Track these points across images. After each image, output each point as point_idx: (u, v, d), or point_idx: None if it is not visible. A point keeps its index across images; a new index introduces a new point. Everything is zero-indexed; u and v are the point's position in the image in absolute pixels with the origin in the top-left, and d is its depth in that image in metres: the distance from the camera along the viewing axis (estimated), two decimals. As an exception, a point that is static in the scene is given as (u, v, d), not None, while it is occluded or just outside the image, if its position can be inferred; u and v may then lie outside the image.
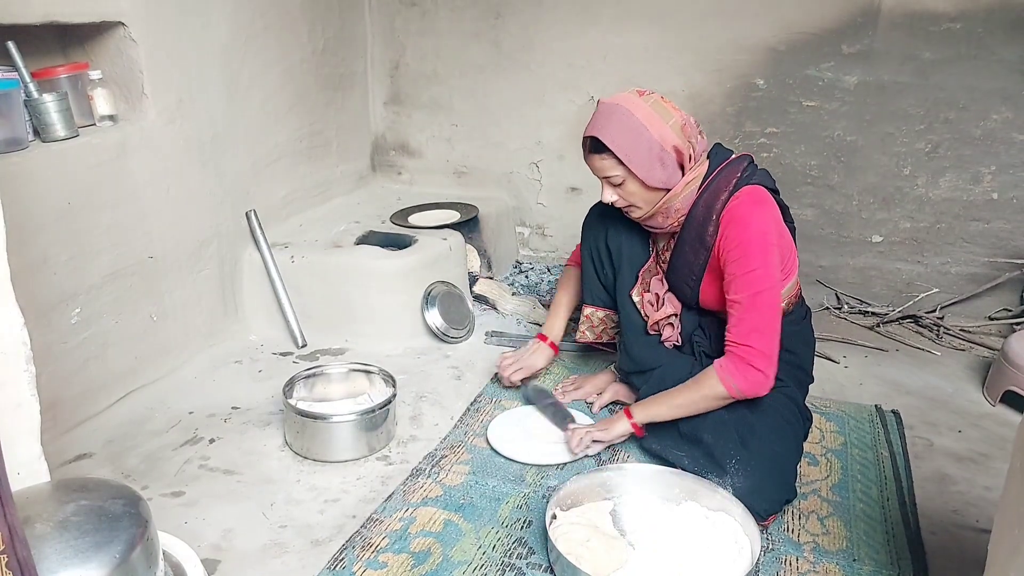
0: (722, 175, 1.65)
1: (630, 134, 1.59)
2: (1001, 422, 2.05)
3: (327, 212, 2.89)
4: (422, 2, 3.03)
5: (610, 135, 1.59)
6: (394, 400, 1.88)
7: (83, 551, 1.01)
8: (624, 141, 1.59)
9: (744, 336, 1.57)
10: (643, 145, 1.59)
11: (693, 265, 1.71)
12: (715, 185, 1.65)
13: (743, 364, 1.57)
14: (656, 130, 1.59)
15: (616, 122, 1.60)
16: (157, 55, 2.03)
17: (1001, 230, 2.57)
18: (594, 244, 1.92)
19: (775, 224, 1.63)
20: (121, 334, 2.01)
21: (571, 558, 1.36)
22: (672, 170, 1.63)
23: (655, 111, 1.60)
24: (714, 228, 1.63)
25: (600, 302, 1.99)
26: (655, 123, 1.59)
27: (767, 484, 1.55)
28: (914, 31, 2.48)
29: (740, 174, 1.64)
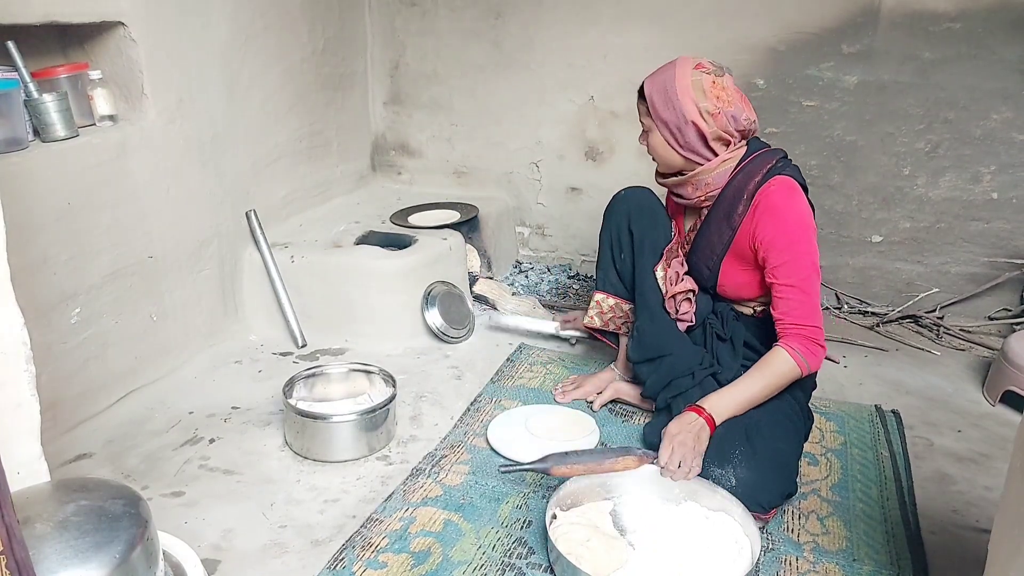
0: (757, 160, 1.72)
1: (664, 94, 1.71)
2: (1001, 422, 2.05)
3: (327, 212, 2.89)
4: (422, 2, 3.03)
5: (651, 86, 1.74)
6: (394, 400, 1.88)
7: (83, 551, 1.01)
8: (658, 97, 1.71)
9: (806, 317, 1.64)
10: (670, 108, 1.70)
11: (716, 244, 1.76)
12: (749, 168, 1.72)
13: (811, 343, 1.64)
14: (685, 102, 1.68)
15: (661, 78, 1.72)
16: (157, 55, 2.03)
17: (1001, 230, 2.57)
18: (616, 228, 1.95)
19: (809, 212, 1.69)
20: (121, 334, 2.01)
21: (571, 558, 1.36)
22: (695, 143, 1.71)
23: (693, 88, 1.68)
24: (743, 208, 1.70)
25: (612, 289, 2.00)
26: (687, 95, 1.68)
27: (770, 477, 1.57)
28: (914, 31, 2.48)
29: (774, 162, 1.71)
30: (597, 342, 2.23)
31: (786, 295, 1.66)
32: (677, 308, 1.85)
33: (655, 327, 1.86)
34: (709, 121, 1.69)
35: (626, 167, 2.89)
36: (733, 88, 1.72)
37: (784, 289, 1.66)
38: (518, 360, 2.33)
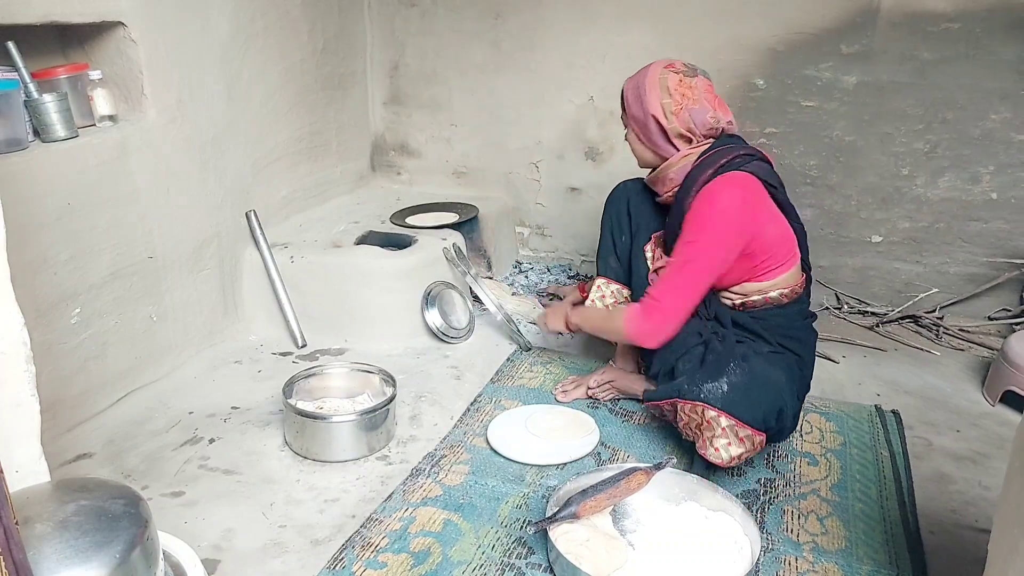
0: (714, 156, 1.77)
1: (635, 91, 1.83)
2: (1000, 422, 2.05)
3: (327, 212, 2.89)
4: (422, 2, 3.03)
5: (626, 85, 1.87)
6: (394, 400, 1.88)
7: (83, 551, 1.01)
8: (631, 95, 1.84)
9: (660, 292, 1.76)
10: (640, 106, 1.82)
11: (676, 233, 1.82)
12: (705, 162, 1.78)
13: (644, 313, 1.77)
14: (651, 99, 1.79)
15: (634, 79, 1.85)
16: (157, 55, 2.03)
17: (1000, 230, 2.57)
18: (616, 212, 2.07)
19: (743, 209, 1.71)
20: (121, 334, 2.01)
21: (571, 558, 1.36)
22: (658, 138, 1.81)
23: (659, 86, 1.78)
24: (691, 200, 1.76)
25: (613, 275, 2.09)
26: (653, 92, 1.79)
27: (760, 391, 1.61)
28: (913, 31, 2.48)
29: (731, 158, 1.75)
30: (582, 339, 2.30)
31: (664, 271, 1.80)
32: None
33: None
34: (670, 118, 1.77)
35: (626, 167, 2.85)
36: (703, 88, 1.80)
37: (667, 264, 1.80)
38: (518, 360, 2.34)
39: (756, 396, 1.61)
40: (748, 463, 1.80)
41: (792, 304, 1.81)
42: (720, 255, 1.71)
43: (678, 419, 1.74)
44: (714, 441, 1.61)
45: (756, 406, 1.60)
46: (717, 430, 1.60)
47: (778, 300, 1.78)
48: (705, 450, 1.63)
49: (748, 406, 1.59)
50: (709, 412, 1.60)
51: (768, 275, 1.77)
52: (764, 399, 1.61)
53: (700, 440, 1.65)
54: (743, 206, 1.70)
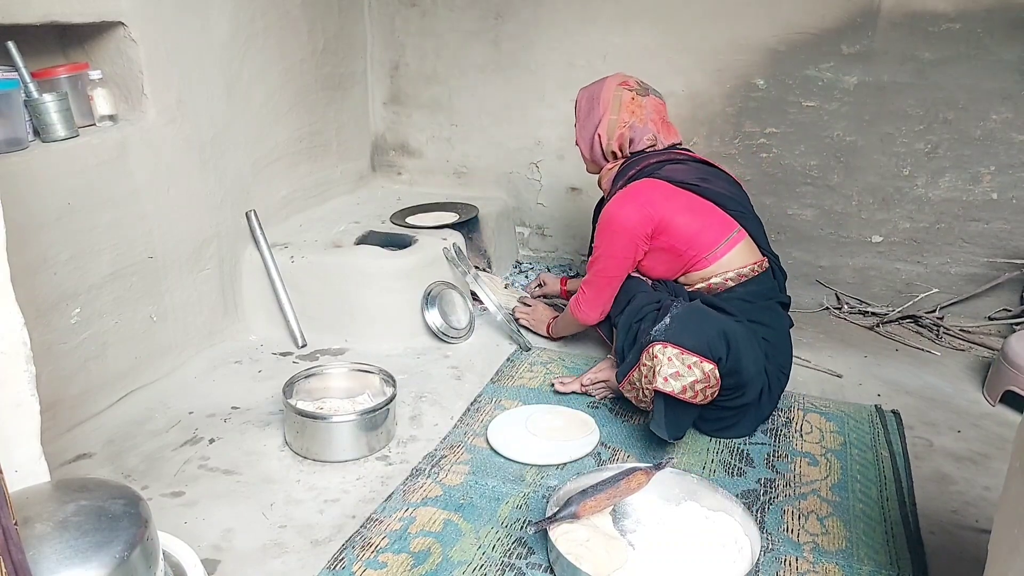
0: (627, 167, 2.01)
1: (590, 103, 2.04)
2: (1001, 422, 2.05)
3: (327, 212, 2.89)
4: (422, 2, 3.03)
5: (581, 95, 2.09)
6: (394, 400, 1.88)
7: (83, 551, 1.01)
8: (584, 105, 2.06)
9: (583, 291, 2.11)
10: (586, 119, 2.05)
11: None
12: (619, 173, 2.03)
13: (576, 301, 2.14)
14: (602, 115, 2.01)
15: (588, 90, 2.06)
16: (157, 55, 2.03)
17: (1001, 230, 2.57)
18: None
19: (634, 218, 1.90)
20: (121, 334, 2.01)
21: (571, 558, 1.36)
22: (597, 153, 2.07)
23: (612, 103, 2.01)
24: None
25: None
26: (607, 109, 2.01)
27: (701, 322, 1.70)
28: (914, 31, 2.48)
29: (641, 168, 1.97)
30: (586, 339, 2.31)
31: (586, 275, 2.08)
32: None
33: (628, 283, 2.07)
34: (612, 135, 2.00)
35: (626, 167, 2.89)
36: (652, 108, 2.00)
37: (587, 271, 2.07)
38: (518, 360, 2.34)
39: (698, 325, 1.69)
40: (748, 463, 1.80)
41: (742, 286, 1.89)
42: (618, 263, 1.97)
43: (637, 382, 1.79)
44: (661, 371, 1.66)
45: (699, 333, 1.68)
46: (663, 360, 1.66)
47: (722, 284, 1.89)
48: (655, 383, 1.67)
49: (690, 334, 1.67)
50: (655, 347, 1.67)
51: (703, 263, 1.90)
52: (708, 327, 1.69)
53: (652, 382, 1.68)
54: (634, 216, 1.89)
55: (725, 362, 1.68)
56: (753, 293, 1.89)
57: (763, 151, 2.75)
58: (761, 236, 1.98)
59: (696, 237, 1.89)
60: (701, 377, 1.66)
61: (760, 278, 1.91)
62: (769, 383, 1.86)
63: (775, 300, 1.96)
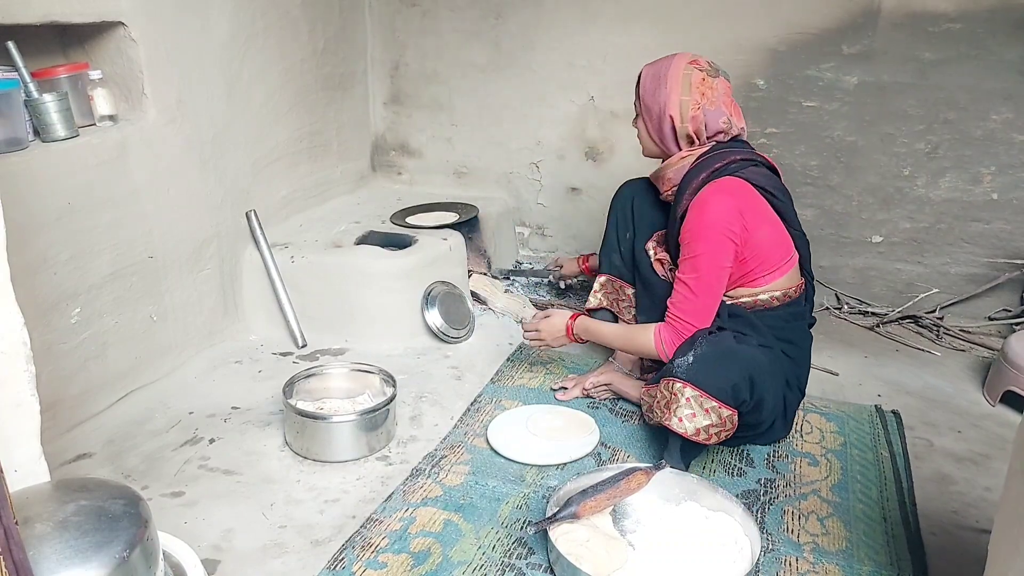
0: (711, 159, 1.78)
1: (655, 83, 1.80)
2: (1001, 422, 2.05)
3: (327, 212, 2.89)
4: (422, 2, 3.03)
5: (645, 75, 1.84)
6: (394, 400, 1.88)
7: (83, 551, 1.01)
8: (648, 86, 1.82)
9: (687, 315, 1.75)
10: (656, 99, 1.80)
11: (673, 236, 1.85)
12: (701, 165, 1.78)
13: (675, 333, 1.76)
14: (671, 96, 1.78)
15: (655, 69, 1.82)
16: (157, 55, 2.03)
17: (1001, 231, 2.56)
18: (621, 210, 2.09)
19: (738, 215, 1.70)
20: (121, 334, 2.01)
21: (571, 558, 1.36)
22: (667, 136, 1.82)
23: (682, 83, 1.77)
24: (685, 204, 1.78)
25: (616, 272, 2.11)
26: (675, 89, 1.77)
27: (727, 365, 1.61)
28: (914, 31, 2.48)
29: (725, 163, 1.76)
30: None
31: (678, 288, 1.77)
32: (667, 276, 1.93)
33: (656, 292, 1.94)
34: (685, 116, 1.77)
35: (626, 167, 2.88)
36: (723, 91, 1.79)
37: (678, 282, 1.77)
38: (518, 360, 2.33)
39: (723, 368, 1.60)
40: (748, 463, 1.80)
41: (784, 307, 1.80)
42: (721, 263, 1.72)
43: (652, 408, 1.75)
44: (677, 411, 1.61)
45: (723, 377, 1.59)
46: (681, 400, 1.60)
47: (768, 303, 1.78)
48: (669, 421, 1.63)
49: (713, 377, 1.59)
50: (675, 384, 1.62)
51: (760, 280, 1.77)
52: (733, 370, 1.60)
53: (666, 415, 1.64)
54: (734, 213, 1.70)
55: (747, 405, 1.63)
56: (790, 314, 1.82)
57: (763, 151, 2.73)
58: (807, 256, 1.87)
59: (767, 252, 1.75)
60: (717, 422, 1.60)
61: (798, 300, 1.84)
62: (785, 407, 1.80)
63: (805, 321, 1.89)
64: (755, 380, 1.62)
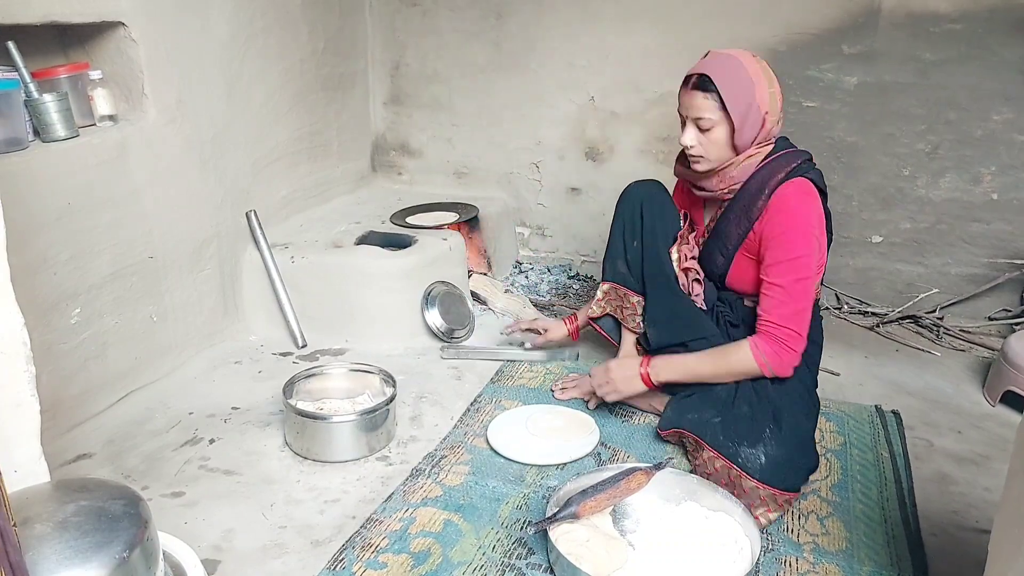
0: (783, 158, 1.71)
1: (739, 83, 1.63)
2: (1001, 423, 2.05)
3: (327, 212, 2.89)
4: (423, 2, 3.03)
5: (722, 77, 1.63)
6: (394, 400, 1.88)
7: (83, 551, 1.01)
8: (733, 87, 1.63)
9: (786, 319, 1.64)
10: (745, 98, 1.64)
11: (733, 235, 1.76)
12: (774, 164, 1.70)
13: (781, 345, 1.64)
14: (760, 90, 1.64)
15: (729, 68, 1.64)
16: (157, 55, 2.03)
17: (1001, 231, 2.56)
18: (629, 214, 1.94)
19: (820, 218, 1.67)
20: (121, 334, 2.01)
21: (571, 558, 1.36)
22: (752, 136, 1.68)
23: (763, 74, 1.66)
24: (763, 203, 1.69)
25: (621, 279, 1.98)
26: (761, 83, 1.64)
27: (797, 455, 1.60)
28: (915, 31, 2.48)
29: (799, 163, 1.70)
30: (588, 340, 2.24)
31: (772, 293, 1.66)
32: (690, 288, 1.86)
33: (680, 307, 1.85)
34: (774, 109, 1.67)
35: (626, 167, 2.89)
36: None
37: (771, 287, 1.66)
38: (518, 360, 2.33)
39: (794, 465, 1.59)
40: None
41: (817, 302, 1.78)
42: (816, 266, 1.65)
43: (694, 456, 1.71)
44: (754, 510, 1.54)
45: (795, 474, 1.59)
46: (756, 499, 1.55)
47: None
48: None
49: (787, 476, 1.56)
50: (747, 482, 1.56)
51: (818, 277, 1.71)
52: (802, 464, 1.61)
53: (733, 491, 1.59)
54: (820, 216, 1.67)
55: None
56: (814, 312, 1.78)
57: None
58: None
59: (823, 256, 1.70)
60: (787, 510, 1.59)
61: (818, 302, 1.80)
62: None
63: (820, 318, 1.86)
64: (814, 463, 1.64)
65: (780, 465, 1.56)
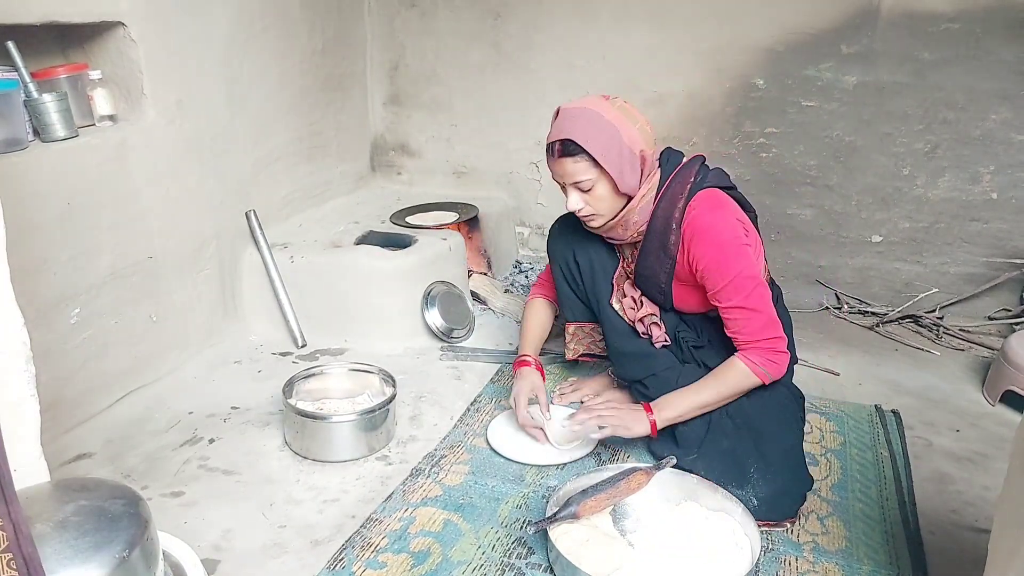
0: (675, 183, 1.66)
1: (603, 135, 1.56)
2: (1000, 422, 2.05)
3: (327, 212, 2.89)
4: (422, 2, 3.03)
5: (584, 136, 1.56)
6: (394, 400, 1.88)
7: (83, 551, 1.01)
8: (599, 142, 1.56)
9: (759, 331, 1.62)
10: (615, 147, 1.57)
11: (659, 274, 1.73)
12: (670, 194, 1.66)
13: (772, 352, 1.62)
14: (626, 132, 1.57)
15: (587, 123, 1.56)
16: (157, 55, 2.03)
17: (1000, 230, 2.57)
18: (563, 261, 1.89)
19: (739, 223, 1.65)
20: (121, 334, 2.01)
21: (571, 558, 1.36)
22: (634, 181, 1.62)
23: (622, 114, 1.59)
24: (675, 238, 1.65)
25: (584, 317, 1.95)
26: (625, 125, 1.58)
27: (790, 485, 1.59)
28: (913, 31, 2.48)
29: (693, 179, 1.66)
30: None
31: (733, 316, 1.63)
32: (649, 332, 1.81)
33: (629, 353, 1.83)
34: (649, 142, 1.62)
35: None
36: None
37: (729, 311, 1.63)
38: (518, 360, 2.33)
39: (788, 496, 1.58)
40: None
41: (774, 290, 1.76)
42: (755, 272, 1.63)
43: None
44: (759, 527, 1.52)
45: (790, 503, 1.58)
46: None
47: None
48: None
49: (782, 508, 1.57)
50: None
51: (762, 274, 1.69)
52: (795, 492, 1.60)
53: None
54: (735, 223, 1.64)
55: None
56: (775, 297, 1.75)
57: (763, 151, 2.75)
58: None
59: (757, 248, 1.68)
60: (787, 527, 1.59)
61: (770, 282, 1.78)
62: None
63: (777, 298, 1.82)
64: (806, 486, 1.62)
65: (773, 501, 1.56)
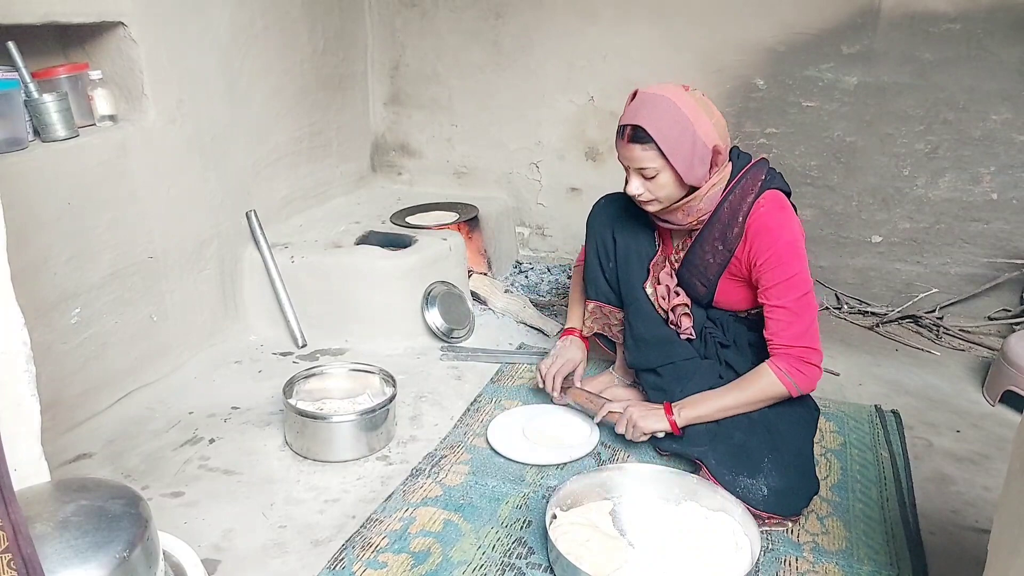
0: (746, 178, 1.67)
1: (676, 127, 1.55)
2: (1000, 422, 2.05)
3: (327, 212, 2.89)
4: (422, 2, 3.03)
5: (655, 125, 1.55)
6: (394, 400, 1.88)
7: (83, 551, 1.01)
8: (670, 134, 1.55)
9: (797, 338, 1.61)
10: (687, 140, 1.56)
11: (711, 265, 1.73)
12: (740, 188, 1.66)
13: (803, 363, 1.62)
14: (701, 127, 1.57)
15: (662, 113, 1.55)
16: (157, 55, 2.03)
17: (1000, 230, 2.57)
18: (600, 238, 1.89)
19: (800, 228, 1.66)
20: (121, 334, 2.01)
21: (571, 558, 1.36)
22: (705, 168, 1.62)
23: (700, 107, 1.58)
24: (739, 230, 1.65)
25: (604, 298, 1.95)
26: (701, 119, 1.57)
27: (798, 483, 1.59)
28: (914, 32, 2.48)
29: (764, 178, 1.67)
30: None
31: (777, 316, 1.63)
32: (678, 323, 1.82)
33: (653, 340, 1.84)
34: (724, 138, 1.62)
35: (626, 167, 2.89)
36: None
37: (775, 310, 1.63)
38: (518, 360, 2.33)
39: (797, 492, 1.58)
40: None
41: None
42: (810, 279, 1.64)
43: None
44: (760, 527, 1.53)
45: (798, 499, 1.58)
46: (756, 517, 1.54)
47: None
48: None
49: (791, 503, 1.56)
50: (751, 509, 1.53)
51: None
52: (802, 491, 1.59)
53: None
54: (799, 227, 1.65)
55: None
56: None
57: (763, 151, 2.75)
58: None
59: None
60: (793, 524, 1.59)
61: None
62: None
63: None
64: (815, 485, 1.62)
65: (783, 494, 1.55)
